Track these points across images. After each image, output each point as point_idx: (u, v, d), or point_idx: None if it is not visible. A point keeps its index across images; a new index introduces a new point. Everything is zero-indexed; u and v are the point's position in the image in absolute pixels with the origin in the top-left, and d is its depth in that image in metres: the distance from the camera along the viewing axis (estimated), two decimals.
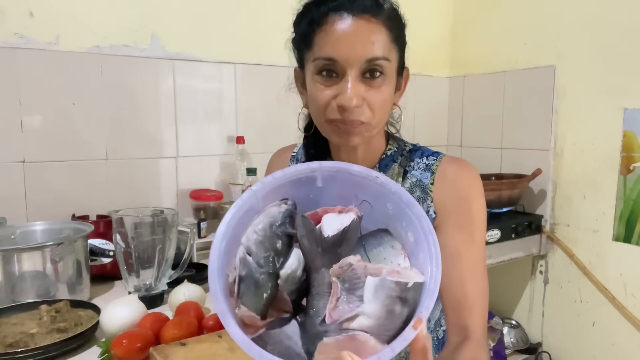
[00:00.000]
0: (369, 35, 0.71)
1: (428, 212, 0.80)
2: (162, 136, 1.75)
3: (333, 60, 0.71)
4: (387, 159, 0.85)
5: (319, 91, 0.74)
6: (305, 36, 0.75)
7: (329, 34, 0.72)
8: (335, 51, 0.71)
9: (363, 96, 0.72)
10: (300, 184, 0.58)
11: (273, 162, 0.99)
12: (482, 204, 0.80)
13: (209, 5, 1.80)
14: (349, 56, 0.71)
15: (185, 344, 0.92)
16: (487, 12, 2.33)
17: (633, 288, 1.84)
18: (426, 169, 0.83)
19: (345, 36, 0.71)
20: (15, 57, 1.47)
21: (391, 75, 0.76)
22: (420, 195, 0.81)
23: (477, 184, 0.81)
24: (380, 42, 0.72)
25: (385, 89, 0.74)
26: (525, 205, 2.16)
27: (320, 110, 0.75)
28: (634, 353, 1.85)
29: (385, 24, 0.73)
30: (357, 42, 0.71)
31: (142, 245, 1.23)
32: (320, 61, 0.73)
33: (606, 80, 1.88)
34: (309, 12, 0.75)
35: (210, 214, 1.77)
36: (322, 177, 0.58)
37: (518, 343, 2.12)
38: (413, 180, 0.83)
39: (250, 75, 1.89)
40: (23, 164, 1.51)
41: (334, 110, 0.73)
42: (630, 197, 1.82)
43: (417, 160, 0.84)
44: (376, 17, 0.72)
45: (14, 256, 1.17)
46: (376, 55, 0.71)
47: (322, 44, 0.72)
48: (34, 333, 0.98)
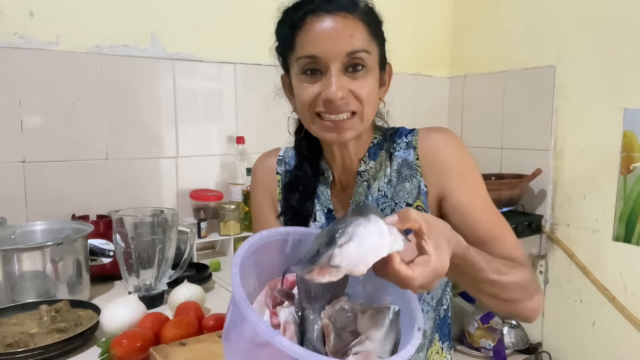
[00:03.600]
0: (347, 29, 0.74)
1: (419, 186, 0.84)
2: (162, 136, 1.75)
3: (315, 57, 0.74)
4: (375, 147, 0.88)
5: (305, 89, 0.77)
6: (287, 40, 0.78)
7: (309, 33, 0.75)
8: (316, 48, 0.74)
9: (348, 88, 0.75)
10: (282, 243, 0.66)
11: (257, 170, 0.99)
12: (469, 156, 0.85)
13: (209, 5, 1.80)
14: (330, 51, 0.73)
15: (185, 344, 0.92)
16: (487, 12, 2.33)
17: (633, 288, 1.84)
18: (407, 147, 0.86)
19: (325, 33, 0.74)
20: (15, 57, 1.47)
21: (373, 67, 0.78)
22: (408, 172, 0.85)
23: (458, 142, 0.85)
24: (358, 36, 0.75)
25: (369, 81, 0.77)
26: (525, 205, 2.16)
27: (307, 107, 0.78)
28: (634, 353, 1.85)
29: (363, 19, 0.76)
30: (336, 37, 0.74)
31: (142, 245, 1.23)
32: (303, 60, 0.76)
33: (606, 80, 1.88)
34: (288, 17, 0.79)
35: (210, 214, 1.77)
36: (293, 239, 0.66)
37: (518, 343, 2.12)
38: (399, 161, 0.86)
39: (250, 75, 1.89)
40: (23, 164, 1.51)
41: (321, 105, 0.76)
42: (630, 197, 1.82)
43: (398, 141, 0.87)
44: (352, 13, 0.75)
45: (14, 256, 1.17)
46: (356, 48, 0.74)
47: (304, 44, 0.75)
48: (34, 333, 0.98)
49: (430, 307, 0.89)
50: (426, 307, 0.88)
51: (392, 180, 0.86)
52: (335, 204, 0.92)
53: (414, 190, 0.84)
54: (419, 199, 0.84)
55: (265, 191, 0.96)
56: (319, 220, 0.92)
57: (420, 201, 0.84)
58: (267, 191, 0.96)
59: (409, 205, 0.85)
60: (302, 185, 0.91)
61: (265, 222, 0.95)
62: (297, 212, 0.91)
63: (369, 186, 0.87)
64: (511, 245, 0.81)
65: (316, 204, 0.92)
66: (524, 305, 0.77)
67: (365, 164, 0.87)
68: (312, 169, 0.91)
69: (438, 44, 2.50)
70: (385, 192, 0.86)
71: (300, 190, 0.91)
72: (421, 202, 0.84)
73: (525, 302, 0.76)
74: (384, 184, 0.86)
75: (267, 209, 0.96)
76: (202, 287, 1.30)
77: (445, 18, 2.51)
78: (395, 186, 0.86)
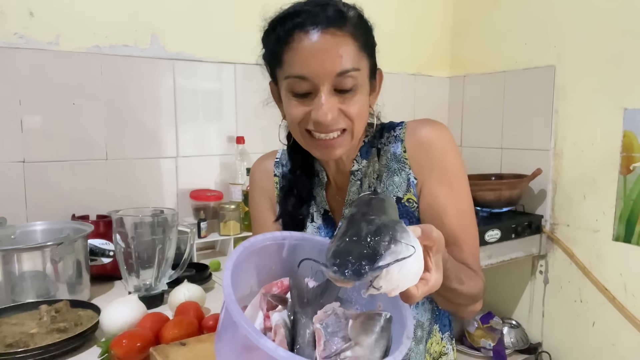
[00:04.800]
0: (336, 49, 0.72)
1: (409, 179, 0.84)
2: (162, 136, 1.75)
3: (304, 78, 0.73)
4: (366, 145, 0.88)
5: (294, 107, 0.76)
6: (274, 54, 0.77)
7: (297, 52, 0.73)
8: (305, 69, 0.72)
9: (338, 107, 0.74)
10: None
11: (255, 172, 0.99)
12: (456, 154, 0.83)
13: (209, 5, 1.80)
14: (319, 72, 0.72)
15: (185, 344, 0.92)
16: (487, 12, 2.33)
17: (633, 288, 1.84)
18: (395, 140, 0.85)
19: (313, 53, 0.72)
20: (15, 57, 1.47)
21: (363, 83, 0.77)
22: (396, 166, 0.84)
23: (446, 138, 0.83)
24: (348, 54, 0.73)
25: (359, 98, 0.76)
26: (525, 205, 2.16)
27: (297, 124, 0.78)
28: (634, 353, 1.85)
29: (352, 33, 0.74)
30: (325, 58, 0.72)
31: (142, 245, 1.23)
32: (291, 79, 0.75)
33: (606, 80, 1.88)
34: (274, 29, 0.77)
35: (210, 214, 1.77)
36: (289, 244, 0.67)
37: (518, 343, 2.12)
38: (388, 155, 0.86)
39: (250, 75, 1.89)
40: (23, 164, 1.51)
41: (311, 123, 0.76)
42: (630, 197, 1.82)
43: (386, 134, 0.87)
44: (341, 29, 0.73)
45: (14, 256, 1.17)
46: (346, 68, 0.73)
47: (291, 62, 0.74)
48: (34, 333, 0.98)
49: (426, 298, 0.89)
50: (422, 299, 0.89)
51: (381, 176, 0.86)
52: (332, 205, 0.92)
53: (404, 184, 0.84)
54: (409, 191, 0.84)
55: (263, 193, 0.97)
56: (316, 221, 0.92)
57: (411, 194, 0.84)
58: (265, 193, 0.97)
59: (399, 199, 0.85)
60: (297, 189, 0.91)
61: (264, 224, 0.96)
62: (293, 216, 0.91)
63: (362, 184, 0.88)
64: (469, 253, 0.83)
65: (312, 205, 0.92)
66: (466, 309, 0.83)
67: (358, 163, 0.87)
68: (306, 173, 0.91)
69: (438, 44, 2.50)
70: (375, 187, 0.86)
71: (295, 195, 0.91)
72: (412, 194, 0.84)
73: (468, 307, 0.83)
74: (373, 180, 0.87)
75: (266, 210, 0.97)
76: (202, 287, 1.30)
77: (445, 18, 2.51)
78: (385, 181, 0.86)
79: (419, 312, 0.89)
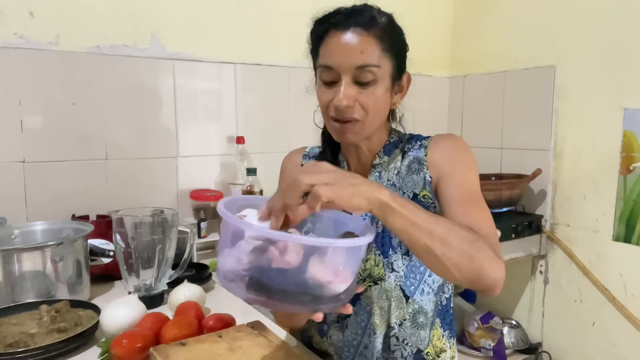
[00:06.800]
0: (359, 45, 0.83)
1: (425, 178, 0.94)
2: (162, 136, 1.75)
3: (329, 67, 0.85)
4: (390, 145, 0.99)
5: (322, 93, 0.89)
6: (314, 47, 0.91)
7: (328, 45, 0.86)
8: (331, 60, 0.85)
9: (355, 97, 0.85)
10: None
11: (285, 165, 1.10)
12: (466, 153, 0.93)
13: (209, 5, 1.80)
14: (342, 64, 0.84)
15: (185, 344, 0.92)
16: (487, 12, 2.33)
17: (633, 288, 1.85)
18: (420, 147, 0.97)
19: (339, 47, 0.84)
20: (15, 57, 1.47)
21: (383, 79, 0.87)
22: (417, 167, 0.95)
23: (462, 144, 0.94)
24: (369, 51, 0.84)
25: (376, 91, 0.86)
26: (525, 205, 2.16)
27: (324, 109, 0.90)
28: (634, 353, 1.85)
29: (378, 36, 0.85)
30: (348, 52, 0.84)
31: (142, 245, 1.23)
32: (321, 69, 0.87)
33: (606, 80, 1.88)
34: (316, 28, 0.90)
35: (210, 214, 1.77)
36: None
37: (518, 343, 2.12)
38: (410, 158, 0.97)
39: (250, 75, 1.89)
40: (23, 164, 1.51)
41: (333, 109, 0.87)
42: (630, 197, 1.82)
43: (413, 143, 0.99)
44: (368, 30, 0.84)
45: (14, 256, 1.16)
46: (365, 63, 0.83)
47: (323, 54, 0.87)
48: (34, 333, 0.98)
49: (431, 289, 0.96)
50: (427, 289, 0.95)
51: (401, 172, 0.96)
52: None
53: (421, 182, 0.94)
54: (425, 189, 0.94)
55: None
56: None
57: (427, 191, 0.94)
58: None
59: (415, 195, 0.94)
60: None
61: None
62: None
63: (380, 176, 0.98)
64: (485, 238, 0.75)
65: None
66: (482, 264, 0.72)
67: (379, 158, 0.98)
68: (332, 156, 1.02)
69: (438, 44, 2.50)
70: (394, 182, 0.97)
71: None
72: (427, 191, 0.94)
73: (481, 260, 0.72)
74: (394, 175, 0.97)
75: None
76: (202, 287, 1.29)
77: (445, 18, 2.51)
78: (404, 177, 0.96)
79: (424, 299, 0.95)
